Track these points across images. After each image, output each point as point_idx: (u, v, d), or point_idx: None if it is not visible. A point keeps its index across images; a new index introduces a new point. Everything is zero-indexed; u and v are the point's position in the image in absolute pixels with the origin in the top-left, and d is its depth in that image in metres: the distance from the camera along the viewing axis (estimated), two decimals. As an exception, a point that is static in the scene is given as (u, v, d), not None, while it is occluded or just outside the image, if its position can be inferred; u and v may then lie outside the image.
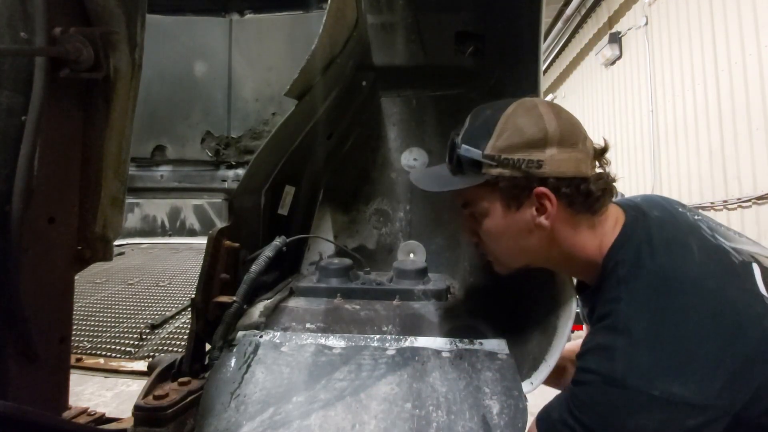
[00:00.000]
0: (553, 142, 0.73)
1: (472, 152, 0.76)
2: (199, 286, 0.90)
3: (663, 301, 0.65)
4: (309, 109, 1.14)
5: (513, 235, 0.79)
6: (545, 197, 0.73)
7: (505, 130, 0.74)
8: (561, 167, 0.73)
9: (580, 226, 0.76)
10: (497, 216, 0.78)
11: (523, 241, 0.78)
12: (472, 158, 0.76)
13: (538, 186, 0.73)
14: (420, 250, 1.38)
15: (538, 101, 0.78)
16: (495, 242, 0.82)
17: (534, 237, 0.77)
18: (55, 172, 0.69)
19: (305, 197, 1.34)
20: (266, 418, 0.71)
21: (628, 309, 0.67)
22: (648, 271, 0.68)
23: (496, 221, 0.79)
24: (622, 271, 0.71)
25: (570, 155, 0.73)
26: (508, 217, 0.77)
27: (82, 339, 1.40)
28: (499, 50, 1.25)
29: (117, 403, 3.21)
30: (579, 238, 0.76)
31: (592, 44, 7.80)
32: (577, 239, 0.77)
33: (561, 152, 0.73)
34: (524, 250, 0.80)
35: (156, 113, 2.25)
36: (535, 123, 0.74)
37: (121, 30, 0.72)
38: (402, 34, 1.29)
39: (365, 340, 0.89)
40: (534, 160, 0.72)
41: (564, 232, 0.76)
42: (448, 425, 0.70)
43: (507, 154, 0.73)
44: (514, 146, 0.73)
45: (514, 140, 0.73)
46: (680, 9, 5.43)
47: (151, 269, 2.14)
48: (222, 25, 2.26)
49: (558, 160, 0.72)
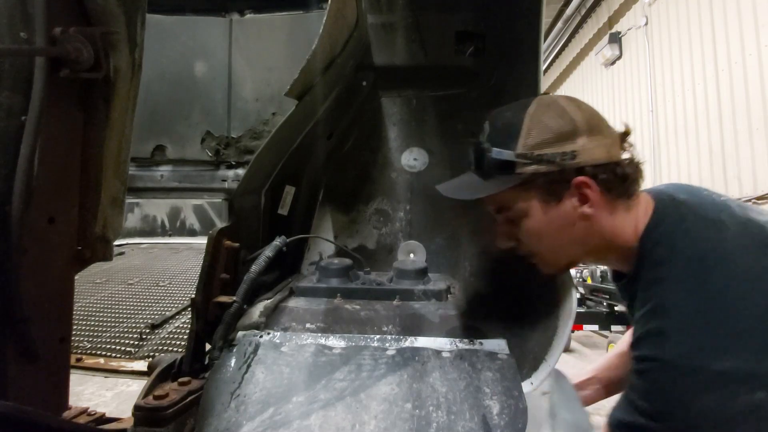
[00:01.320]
0: (582, 131, 0.73)
1: (504, 154, 0.75)
2: (199, 286, 0.90)
3: (703, 277, 0.65)
4: (309, 109, 1.14)
5: (556, 231, 0.78)
6: (585, 186, 0.73)
7: (533, 127, 0.74)
8: (594, 155, 0.73)
9: (617, 210, 0.76)
10: (537, 214, 0.78)
11: (566, 235, 0.78)
12: (504, 160, 0.76)
13: (575, 177, 0.73)
14: (420, 250, 1.37)
15: (555, 96, 0.79)
16: (538, 242, 0.81)
17: (577, 229, 0.77)
18: (55, 172, 0.69)
19: (305, 197, 1.34)
20: (266, 418, 0.71)
21: (670, 289, 0.67)
22: (685, 250, 0.69)
23: (537, 219, 0.78)
24: (660, 251, 0.71)
25: (600, 142, 0.74)
26: (549, 213, 0.77)
27: (82, 339, 1.40)
28: (499, 50, 1.25)
29: (117, 403, 3.21)
30: (617, 223, 0.77)
31: (592, 44, 7.80)
32: (615, 224, 0.77)
33: (591, 140, 0.73)
34: (568, 244, 0.80)
35: (156, 113, 2.25)
36: (561, 116, 0.74)
37: (121, 30, 0.72)
38: (402, 34, 1.29)
39: (365, 340, 0.89)
40: (568, 152, 0.72)
41: (604, 218, 0.76)
42: (448, 425, 0.70)
43: (540, 150, 0.73)
44: (545, 141, 0.73)
45: (544, 136, 0.74)
46: (680, 9, 5.43)
47: (151, 269, 2.13)
48: (222, 25, 2.26)
49: (590, 149, 0.73)
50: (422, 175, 1.40)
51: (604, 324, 4.83)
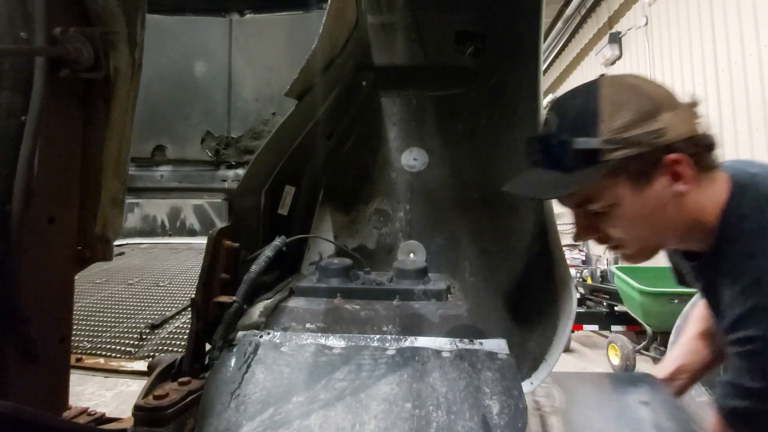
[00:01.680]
0: (664, 107, 0.71)
1: (590, 142, 0.71)
2: (199, 286, 0.90)
3: None
4: (309, 109, 1.14)
5: (650, 214, 0.75)
6: (677, 163, 0.71)
7: (614, 110, 0.71)
8: (679, 129, 0.70)
9: (702, 184, 0.74)
10: (629, 200, 0.74)
11: (658, 217, 0.75)
12: (589, 149, 0.71)
13: (666, 155, 0.70)
14: (420, 250, 1.38)
15: (619, 75, 0.76)
16: (631, 229, 0.78)
17: (669, 209, 0.74)
18: (55, 172, 0.69)
19: (305, 197, 1.34)
20: (266, 418, 0.71)
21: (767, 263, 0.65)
22: None
23: (630, 206, 0.75)
24: (748, 225, 0.69)
25: (681, 115, 0.71)
26: (641, 197, 0.74)
27: (82, 339, 1.40)
28: (499, 50, 1.25)
29: (117, 403, 3.21)
30: (703, 198, 0.74)
31: (592, 44, 7.80)
32: (702, 199, 0.74)
33: (674, 115, 0.71)
34: (660, 227, 0.77)
35: (156, 113, 2.25)
36: (638, 95, 0.71)
37: (121, 30, 0.72)
38: (402, 34, 1.29)
39: (365, 340, 0.89)
40: (655, 131, 0.69)
41: (693, 194, 0.74)
42: (448, 425, 0.70)
43: (626, 132, 0.70)
44: (630, 123, 0.70)
45: (628, 117, 0.70)
46: (680, 9, 5.43)
47: (151, 269, 2.14)
48: (222, 25, 2.25)
49: (675, 124, 0.70)
50: (422, 175, 1.40)
51: (604, 324, 4.83)
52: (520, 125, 1.23)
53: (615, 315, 4.84)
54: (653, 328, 4.17)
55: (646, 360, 4.40)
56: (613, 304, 4.88)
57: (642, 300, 4.07)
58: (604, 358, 4.58)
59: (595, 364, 4.70)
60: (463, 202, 1.37)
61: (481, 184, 1.36)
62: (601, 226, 0.79)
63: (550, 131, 0.77)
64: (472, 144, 1.38)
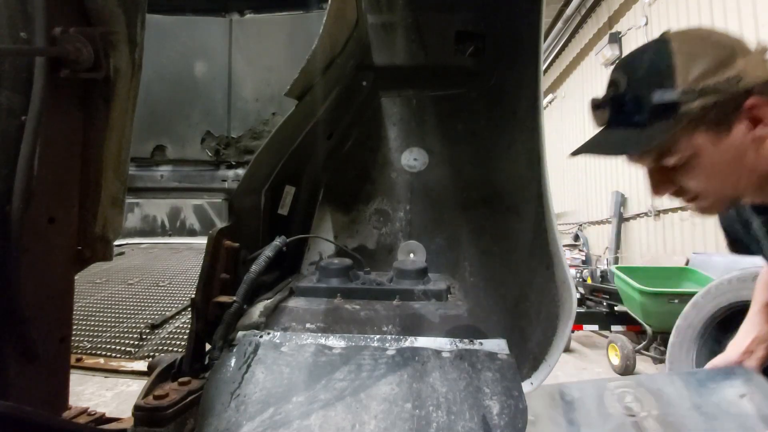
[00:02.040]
0: (738, 52, 0.70)
1: (668, 95, 0.71)
2: (199, 286, 0.90)
3: None
4: (309, 109, 1.14)
5: (730, 163, 0.74)
6: (757, 107, 0.70)
7: (688, 61, 0.71)
8: (756, 72, 0.70)
9: None
10: (709, 150, 0.74)
11: (739, 165, 0.74)
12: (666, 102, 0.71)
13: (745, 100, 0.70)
14: (420, 250, 1.38)
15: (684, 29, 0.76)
16: (710, 180, 0.77)
17: (749, 156, 0.73)
18: (55, 172, 0.69)
19: (305, 197, 1.34)
20: (266, 418, 0.71)
21: None
22: None
23: (710, 156, 0.74)
24: None
25: (755, 59, 0.71)
26: (722, 145, 0.73)
27: (82, 339, 1.40)
28: (499, 50, 1.25)
29: (117, 403, 3.21)
30: None
31: (592, 44, 7.80)
32: None
33: (748, 60, 0.70)
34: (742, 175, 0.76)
35: (156, 113, 2.25)
36: (711, 44, 0.71)
37: (121, 30, 0.72)
38: (402, 34, 1.29)
39: (365, 340, 0.89)
40: (732, 77, 0.69)
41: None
42: (448, 425, 0.70)
43: (705, 81, 0.70)
44: (707, 72, 0.70)
45: (704, 66, 0.70)
46: (680, 9, 5.43)
47: (151, 269, 2.14)
48: (222, 25, 2.26)
49: (751, 68, 0.70)
50: (422, 175, 1.40)
51: (604, 324, 4.83)
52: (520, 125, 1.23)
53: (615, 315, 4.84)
54: (653, 328, 4.17)
55: (646, 360, 4.40)
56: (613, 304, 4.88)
57: (642, 300, 4.07)
58: (604, 358, 4.58)
59: (595, 364, 4.70)
60: (463, 202, 1.37)
61: (481, 184, 1.36)
62: (678, 179, 0.79)
63: (620, 90, 0.77)
64: (472, 144, 1.38)
